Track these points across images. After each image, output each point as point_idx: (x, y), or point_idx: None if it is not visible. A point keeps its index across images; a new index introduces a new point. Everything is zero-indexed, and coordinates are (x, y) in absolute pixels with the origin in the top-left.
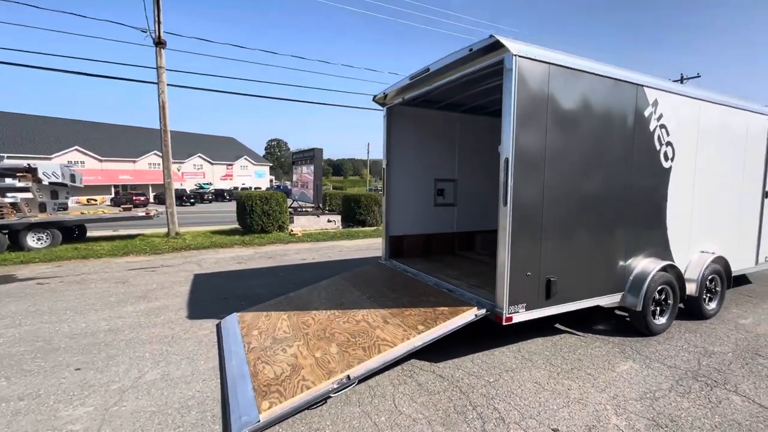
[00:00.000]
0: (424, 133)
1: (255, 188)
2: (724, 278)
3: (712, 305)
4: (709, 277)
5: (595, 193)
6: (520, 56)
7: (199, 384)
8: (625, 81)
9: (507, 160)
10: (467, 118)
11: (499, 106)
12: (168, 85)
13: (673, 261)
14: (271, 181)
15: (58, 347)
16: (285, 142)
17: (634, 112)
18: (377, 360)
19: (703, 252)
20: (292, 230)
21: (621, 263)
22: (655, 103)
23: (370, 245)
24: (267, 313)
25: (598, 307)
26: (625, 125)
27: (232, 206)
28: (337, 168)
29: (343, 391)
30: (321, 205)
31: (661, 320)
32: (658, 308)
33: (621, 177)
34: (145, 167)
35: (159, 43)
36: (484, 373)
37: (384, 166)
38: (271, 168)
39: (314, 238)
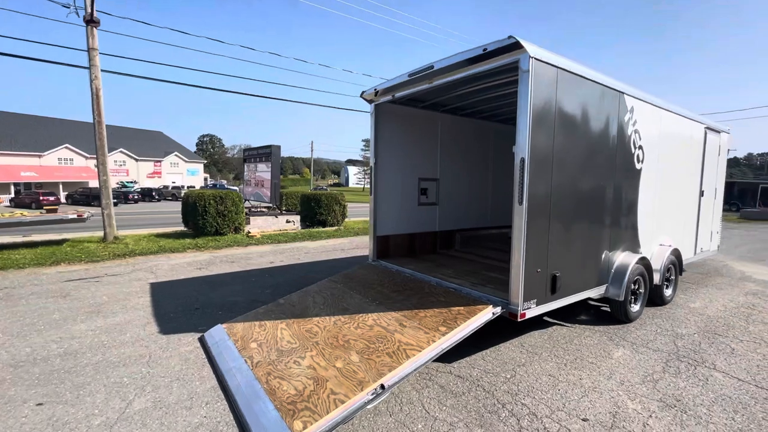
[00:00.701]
0: (408, 132)
1: (188, 187)
2: (677, 268)
3: (669, 292)
4: (668, 267)
5: (588, 192)
6: (535, 58)
7: (203, 408)
8: (611, 88)
9: (523, 160)
10: (448, 117)
11: (483, 107)
12: (103, 71)
13: (642, 254)
14: (205, 179)
15: (2, 379)
16: (219, 138)
17: (617, 117)
18: (409, 366)
19: (661, 245)
20: (249, 232)
21: (605, 257)
22: (632, 110)
23: (336, 246)
24: (260, 322)
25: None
26: (611, 129)
27: (164, 207)
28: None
29: (377, 402)
30: (279, 205)
31: (636, 308)
32: (632, 297)
33: (607, 177)
34: (54, 163)
35: (91, 22)
36: (500, 370)
37: (371, 164)
38: (204, 165)
39: (274, 239)
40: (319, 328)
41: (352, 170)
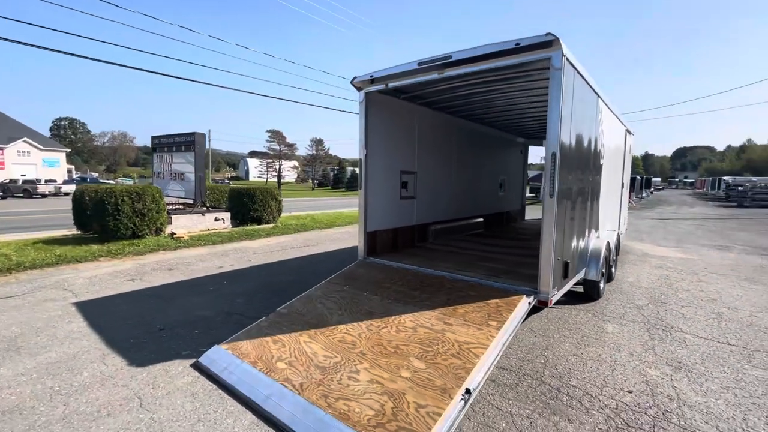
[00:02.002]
0: (392, 123)
1: (46, 181)
2: (618, 249)
3: (613, 270)
4: (616, 248)
5: (582, 183)
6: (566, 57)
7: None
8: (595, 91)
9: (554, 155)
10: (424, 110)
11: (458, 102)
12: None
13: (604, 238)
14: (69, 171)
15: None
16: (82, 123)
17: (596, 117)
18: (482, 365)
19: (608, 230)
20: (173, 233)
21: (585, 242)
22: (601, 111)
23: (282, 245)
24: (273, 337)
25: None
26: (595, 128)
27: (20, 206)
28: None
29: (467, 408)
30: (204, 202)
31: (602, 285)
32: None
33: (591, 171)
34: None
35: None
36: (531, 356)
37: (361, 156)
38: (67, 155)
39: (207, 240)
40: (353, 336)
41: (253, 163)
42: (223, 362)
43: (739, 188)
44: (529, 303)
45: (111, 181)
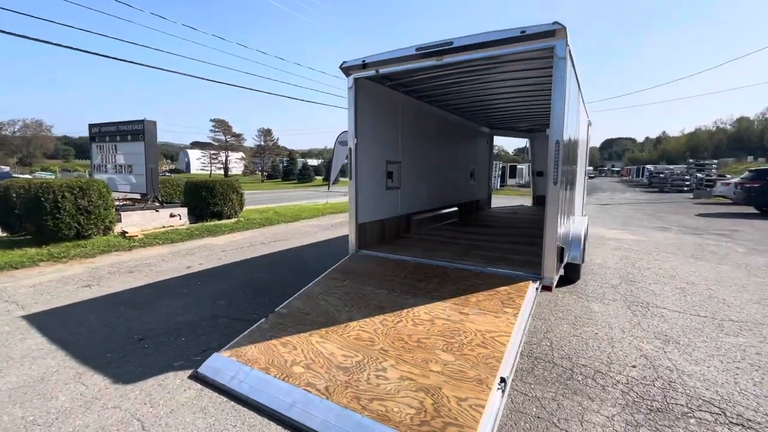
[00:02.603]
0: (378, 111)
1: None
2: (587, 233)
3: (585, 253)
4: (586, 232)
5: (569, 172)
6: (569, 46)
7: None
8: (578, 79)
9: (558, 143)
10: (408, 99)
11: (443, 90)
12: None
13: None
14: None
15: None
16: None
17: (579, 106)
18: (510, 353)
19: (580, 215)
20: (125, 232)
21: (569, 227)
22: (581, 101)
23: (250, 240)
24: (280, 339)
25: None
26: (578, 117)
27: None
28: (82, 148)
29: (506, 397)
30: (158, 196)
31: (581, 268)
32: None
33: (572, 159)
34: None
35: None
36: (535, 339)
37: (351, 146)
38: None
39: (165, 238)
40: (369, 333)
41: (194, 154)
42: (229, 371)
43: (660, 176)
44: (537, 289)
45: (27, 176)
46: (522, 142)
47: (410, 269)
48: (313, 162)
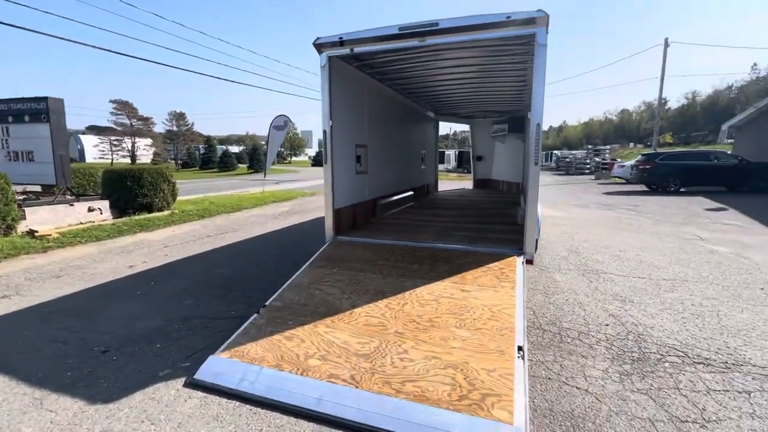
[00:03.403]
0: (348, 92)
1: None
2: None
3: None
4: None
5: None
6: (548, 33)
7: None
8: None
9: (539, 125)
10: (372, 81)
11: (406, 74)
12: None
13: None
14: None
15: None
16: None
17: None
18: (519, 323)
19: None
20: (33, 230)
21: None
22: None
23: (194, 234)
24: (283, 334)
25: None
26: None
27: None
28: None
29: (527, 364)
30: (69, 187)
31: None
32: None
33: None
34: None
35: None
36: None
37: (326, 128)
38: None
39: (88, 236)
40: (377, 318)
41: (90, 140)
42: (234, 373)
43: (566, 160)
44: (522, 263)
45: None
46: (444, 129)
47: (398, 252)
48: (234, 149)
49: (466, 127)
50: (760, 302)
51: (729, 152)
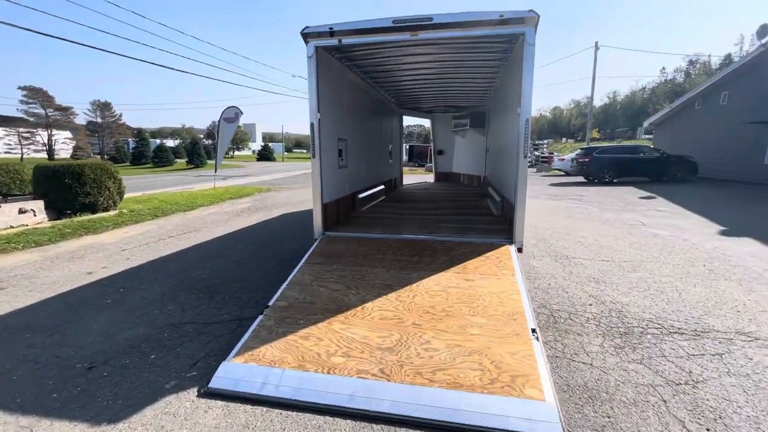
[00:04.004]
0: (332, 84)
1: None
2: None
3: None
4: None
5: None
6: (536, 34)
7: None
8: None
9: (527, 120)
10: (351, 73)
11: (383, 68)
12: None
13: None
14: None
15: None
16: None
17: None
18: (528, 307)
19: None
20: None
21: None
22: None
23: (152, 235)
24: (298, 334)
25: None
26: None
27: None
28: None
29: (541, 344)
30: None
31: None
32: None
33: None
34: None
35: None
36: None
37: (314, 121)
38: None
39: (26, 241)
40: (390, 311)
41: None
42: (255, 377)
43: None
44: (515, 251)
45: None
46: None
47: (394, 246)
48: (169, 142)
49: (413, 121)
50: (707, 277)
51: (652, 146)
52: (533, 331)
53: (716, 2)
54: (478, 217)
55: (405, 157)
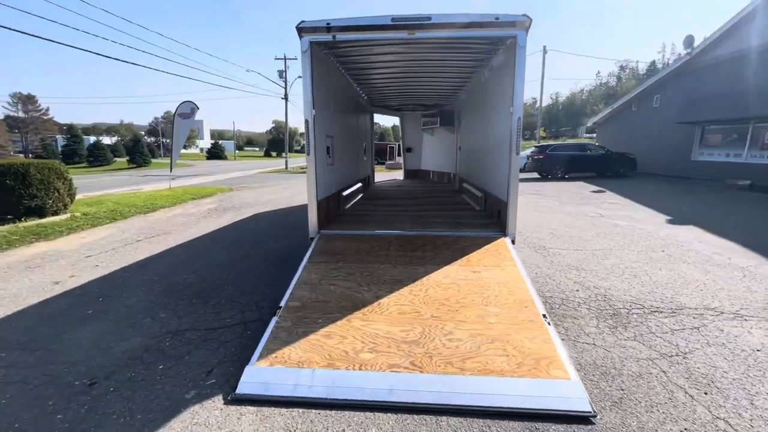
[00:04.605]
0: (322, 79)
1: None
2: None
3: None
4: None
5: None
6: (527, 37)
7: None
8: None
9: (519, 119)
10: (337, 70)
11: (365, 65)
12: None
13: None
14: None
15: None
16: None
17: None
18: (534, 294)
19: None
20: None
21: None
22: None
23: (117, 239)
24: (319, 333)
25: None
26: None
27: None
28: None
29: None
30: None
31: None
32: None
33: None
34: None
35: None
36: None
37: (308, 117)
38: None
39: None
40: (407, 305)
41: None
42: (285, 379)
43: None
44: (510, 243)
45: None
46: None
47: (394, 242)
48: (106, 140)
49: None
50: (668, 261)
51: (597, 144)
52: (544, 316)
53: (643, 12)
54: (463, 212)
55: None
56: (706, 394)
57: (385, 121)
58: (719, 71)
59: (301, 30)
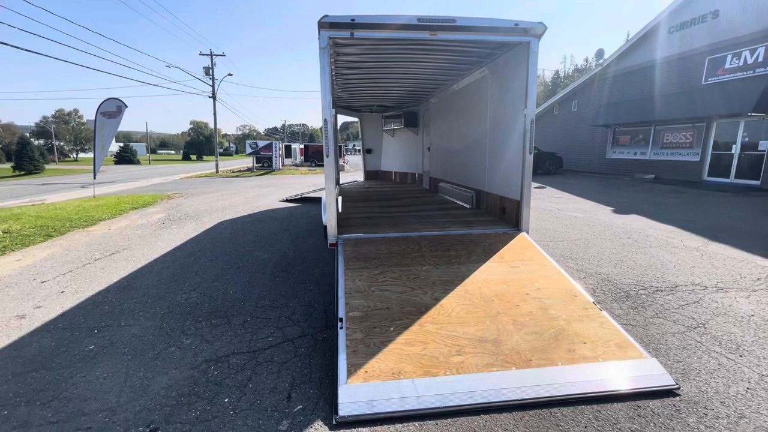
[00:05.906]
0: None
1: None
2: None
3: None
4: None
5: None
6: (539, 44)
7: None
8: None
9: (532, 120)
10: (334, 70)
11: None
12: None
13: None
14: None
15: None
16: None
17: None
18: (577, 283)
19: None
20: None
21: None
22: None
23: (66, 258)
24: (398, 341)
25: None
26: None
27: None
28: None
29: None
30: None
31: None
32: None
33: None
34: None
35: None
36: None
37: (327, 117)
38: None
39: None
40: (469, 305)
41: None
42: (388, 394)
43: None
44: (528, 236)
45: None
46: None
47: (422, 242)
48: None
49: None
50: (639, 247)
51: None
52: (594, 303)
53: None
54: (460, 211)
55: (301, 158)
56: (741, 357)
57: (314, 122)
58: (627, 80)
59: (324, 25)
